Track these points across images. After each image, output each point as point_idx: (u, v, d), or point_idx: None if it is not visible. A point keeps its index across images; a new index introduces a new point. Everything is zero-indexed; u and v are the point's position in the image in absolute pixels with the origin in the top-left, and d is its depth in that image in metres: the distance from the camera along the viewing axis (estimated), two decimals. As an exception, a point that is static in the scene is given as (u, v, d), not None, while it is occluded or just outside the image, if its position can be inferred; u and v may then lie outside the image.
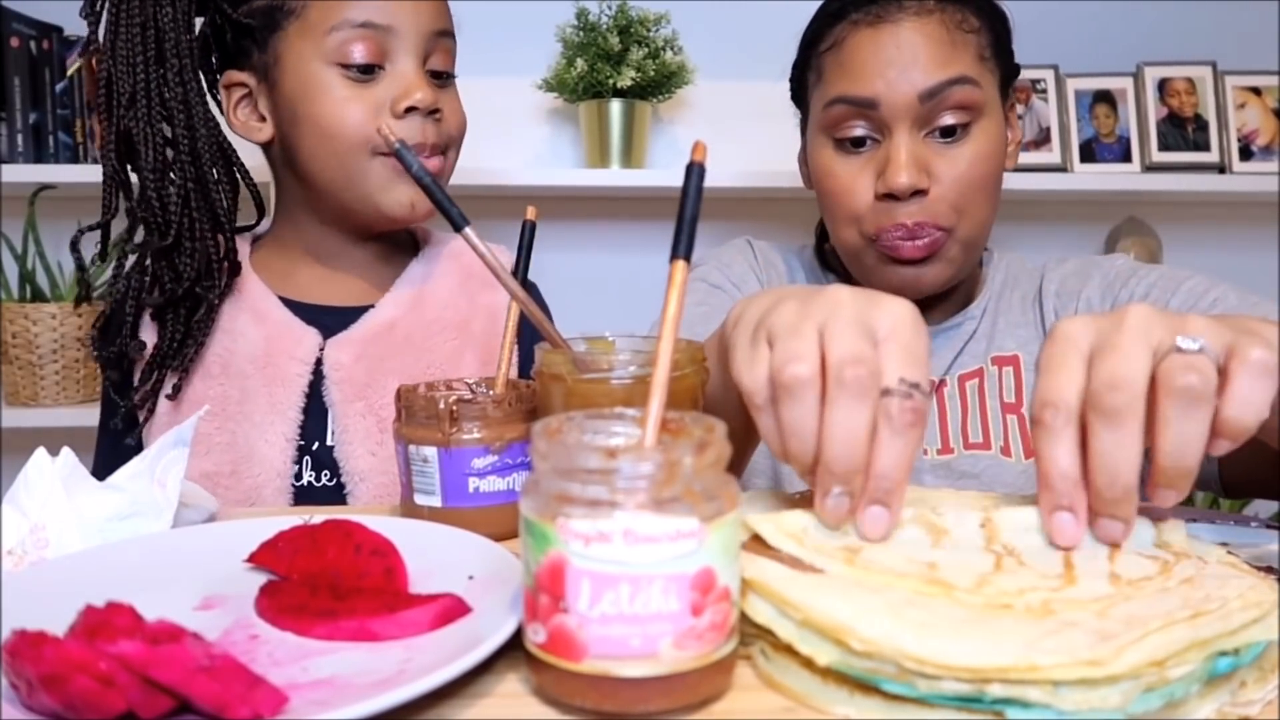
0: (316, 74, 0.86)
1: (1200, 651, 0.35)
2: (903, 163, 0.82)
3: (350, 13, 0.85)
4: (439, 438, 0.59)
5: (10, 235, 1.62)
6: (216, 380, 0.89)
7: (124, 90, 0.85)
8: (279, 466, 0.87)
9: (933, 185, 0.84)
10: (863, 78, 0.84)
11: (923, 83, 0.82)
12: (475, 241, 0.56)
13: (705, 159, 0.46)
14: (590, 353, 0.58)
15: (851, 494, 0.43)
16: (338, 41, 0.85)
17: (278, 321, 0.91)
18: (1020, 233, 1.91)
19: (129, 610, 0.39)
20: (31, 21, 1.63)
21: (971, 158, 0.84)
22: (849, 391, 0.42)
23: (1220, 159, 1.81)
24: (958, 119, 0.83)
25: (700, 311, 0.94)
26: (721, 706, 0.38)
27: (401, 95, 0.86)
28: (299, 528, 0.52)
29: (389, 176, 0.87)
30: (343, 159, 0.87)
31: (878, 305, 0.45)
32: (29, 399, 1.62)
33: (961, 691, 0.35)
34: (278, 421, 0.87)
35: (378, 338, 0.91)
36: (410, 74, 0.87)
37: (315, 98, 0.86)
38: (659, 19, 1.70)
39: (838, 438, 0.42)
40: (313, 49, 0.85)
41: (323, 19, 0.85)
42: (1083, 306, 0.92)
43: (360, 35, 0.85)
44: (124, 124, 0.86)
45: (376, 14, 0.85)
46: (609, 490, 0.36)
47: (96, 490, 0.58)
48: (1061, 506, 0.43)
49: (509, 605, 0.43)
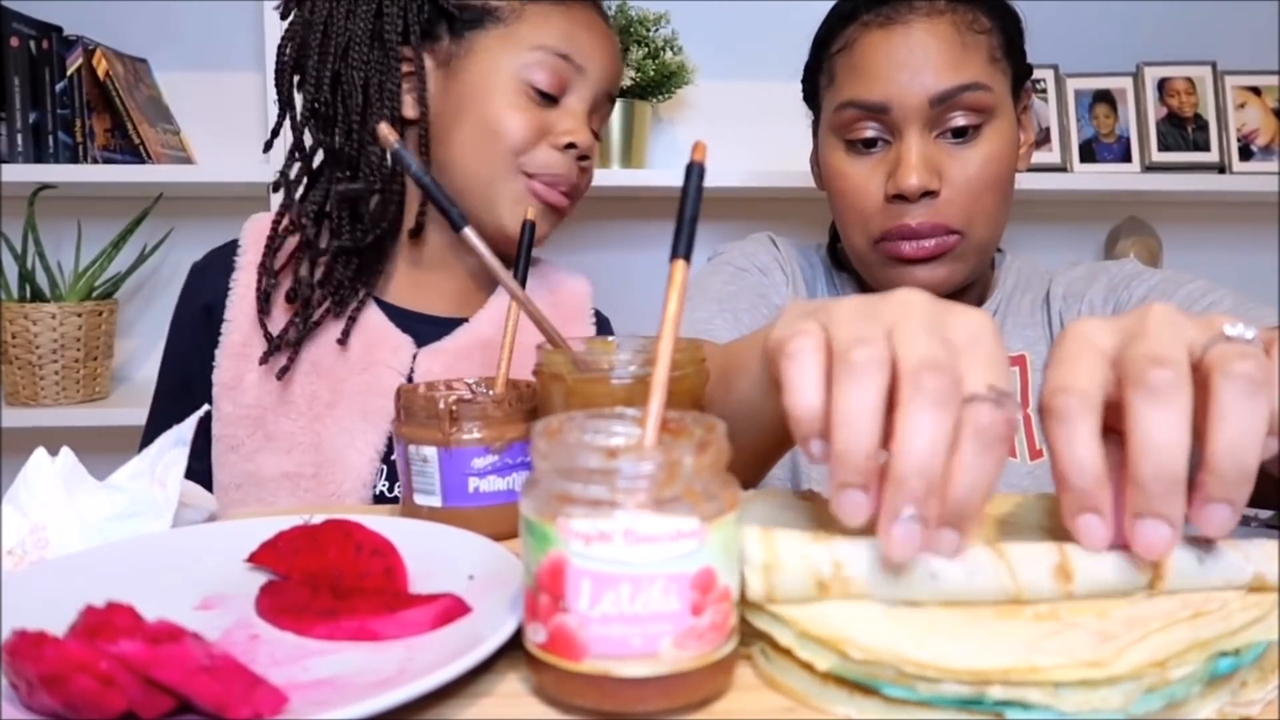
0: (505, 79, 0.89)
1: (1201, 652, 0.35)
2: (913, 164, 0.82)
3: (557, 40, 0.89)
4: (439, 437, 0.59)
5: (10, 235, 1.62)
6: (307, 378, 0.89)
7: (341, 40, 0.89)
8: (365, 476, 0.86)
9: (943, 187, 0.83)
10: (874, 81, 0.84)
11: (934, 87, 0.82)
12: (475, 242, 0.56)
13: (705, 159, 0.46)
14: (590, 353, 0.58)
15: (925, 519, 0.36)
16: (536, 60, 0.89)
17: (375, 328, 0.91)
18: (1020, 233, 1.91)
19: (129, 610, 0.39)
20: (31, 21, 1.63)
21: (983, 159, 0.84)
22: (929, 398, 0.35)
23: (1220, 159, 1.81)
24: (969, 120, 0.83)
25: (730, 290, 0.95)
26: (721, 706, 0.38)
27: (571, 129, 0.90)
28: (299, 528, 0.52)
29: (522, 195, 0.90)
30: (491, 162, 0.89)
31: (953, 312, 0.40)
32: (29, 399, 1.62)
33: (962, 694, 0.35)
34: (369, 430, 0.87)
35: (469, 352, 0.92)
36: (580, 116, 0.92)
37: (493, 98, 0.89)
38: (659, 19, 1.70)
39: (916, 449, 0.35)
40: (510, 57, 0.89)
41: (531, 34, 0.89)
42: (1085, 308, 0.92)
43: (560, 65, 0.89)
44: (335, 67, 0.89)
45: (579, 53, 0.90)
46: (609, 490, 0.36)
47: (96, 490, 0.58)
48: (1086, 508, 0.37)
49: (509, 605, 0.43)
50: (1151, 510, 0.36)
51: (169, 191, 1.70)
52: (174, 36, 1.80)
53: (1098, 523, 0.37)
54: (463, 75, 0.90)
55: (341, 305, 0.90)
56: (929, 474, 0.35)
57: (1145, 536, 0.36)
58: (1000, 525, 0.49)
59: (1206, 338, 0.37)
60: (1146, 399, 0.36)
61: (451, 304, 0.96)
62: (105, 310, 1.66)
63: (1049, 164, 1.79)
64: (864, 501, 0.36)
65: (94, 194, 1.73)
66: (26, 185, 1.59)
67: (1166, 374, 0.36)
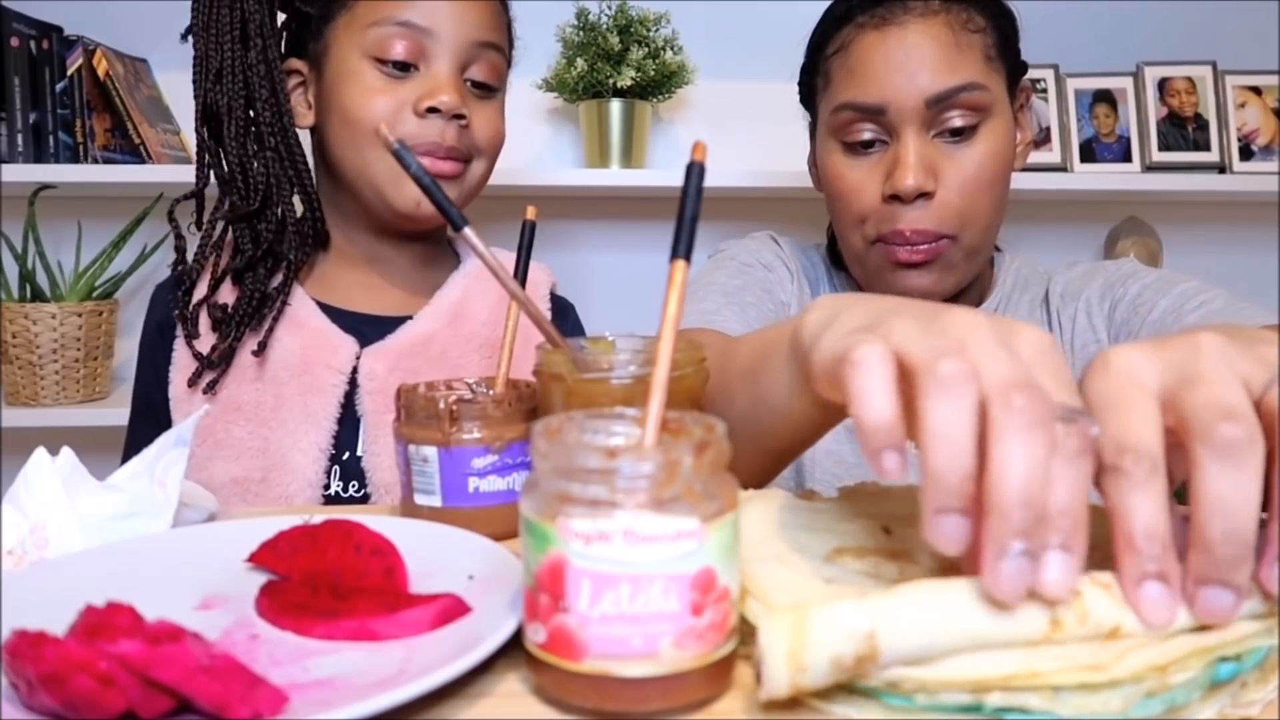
0: (354, 64, 0.89)
1: (1202, 658, 0.35)
2: (910, 164, 0.82)
3: (393, 11, 0.88)
4: (439, 437, 0.59)
5: (10, 235, 1.62)
6: (251, 385, 0.90)
7: (213, 66, 0.90)
8: (310, 476, 0.87)
9: (939, 188, 0.83)
10: (869, 83, 0.84)
11: (930, 88, 0.82)
12: (475, 242, 0.56)
13: (705, 159, 0.46)
14: (590, 353, 0.58)
15: (1033, 553, 0.33)
16: (377, 36, 0.88)
17: (316, 329, 0.92)
18: (1020, 233, 1.91)
19: (129, 610, 0.39)
20: (31, 21, 1.63)
21: (979, 159, 0.84)
22: (1025, 419, 0.33)
23: (1220, 159, 1.81)
24: (966, 121, 0.83)
25: (735, 283, 0.95)
26: (721, 706, 0.38)
27: (426, 94, 0.88)
28: (299, 528, 0.52)
29: (398, 171, 0.89)
30: (360, 147, 0.89)
31: (1016, 331, 0.38)
32: (29, 399, 1.62)
33: (961, 701, 0.34)
34: (312, 431, 0.88)
35: (414, 350, 0.92)
36: (442, 77, 0.89)
37: (347, 86, 0.89)
38: (659, 19, 1.70)
39: (1018, 474, 0.32)
40: (355, 41, 0.89)
41: (368, 14, 0.88)
42: (1082, 306, 0.93)
43: (399, 33, 0.88)
44: (211, 97, 0.91)
45: (418, 15, 0.88)
46: (609, 490, 0.36)
47: (96, 490, 0.58)
48: (1150, 574, 0.35)
49: (509, 605, 0.43)
50: (1219, 577, 0.34)
51: (169, 191, 1.70)
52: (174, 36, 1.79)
53: (1164, 592, 0.35)
54: (325, 71, 0.92)
55: (260, 320, 0.91)
56: (1034, 503, 0.33)
57: (1210, 604, 0.34)
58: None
59: (1264, 376, 0.35)
60: (1218, 458, 0.33)
61: (396, 303, 0.96)
62: (105, 310, 1.66)
63: (1049, 164, 1.79)
64: (963, 525, 0.33)
65: (94, 194, 1.73)
66: (26, 185, 1.59)
67: (1239, 431, 0.33)
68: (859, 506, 0.52)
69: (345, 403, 0.90)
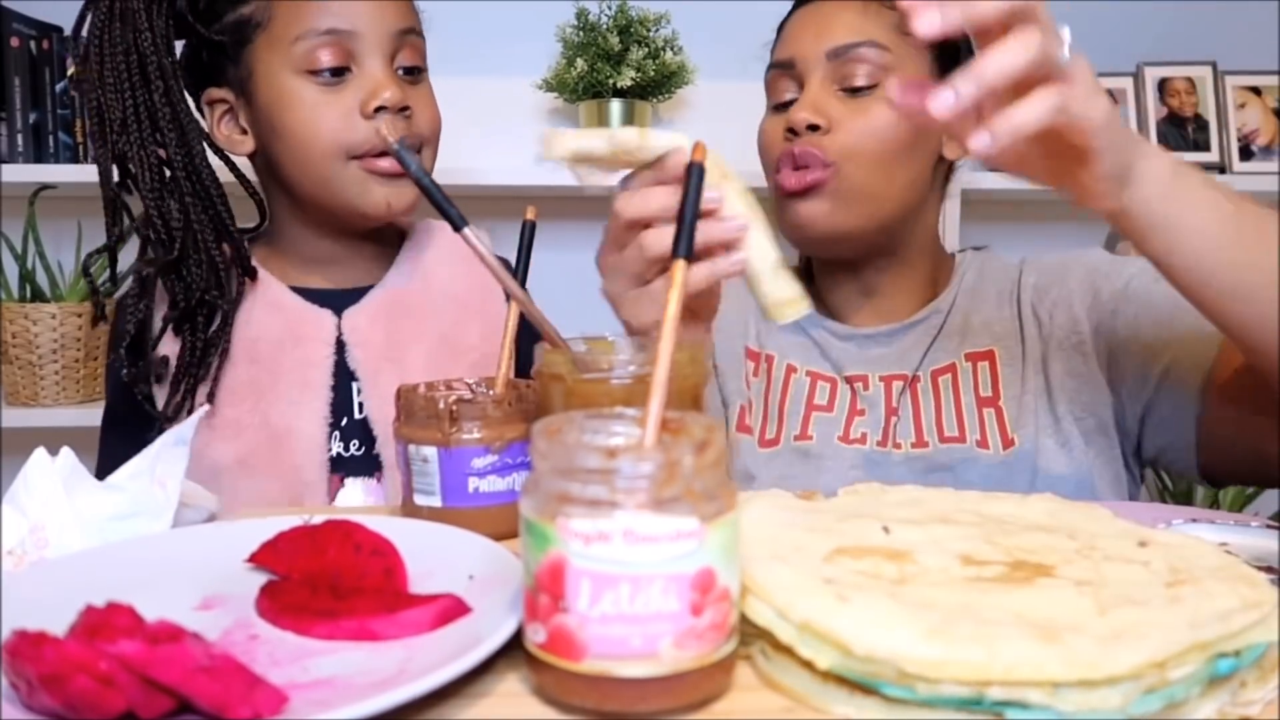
0: (287, 84, 0.87)
1: (1201, 653, 0.35)
2: (803, 103, 0.88)
3: (313, 21, 0.86)
4: (439, 438, 0.59)
5: (10, 235, 1.62)
6: (245, 368, 0.91)
7: (114, 116, 0.87)
8: (318, 439, 0.89)
9: (832, 128, 0.87)
10: (785, 43, 0.94)
11: (830, 42, 0.88)
12: (474, 242, 0.57)
13: (705, 159, 0.46)
14: (590, 353, 0.58)
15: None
16: (303, 50, 0.86)
17: (293, 307, 0.93)
18: (1020, 233, 1.91)
19: (129, 610, 0.39)
20: (31, 21, 1.63)
21: (871, 110, 0.87)
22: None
23: (1220, 159, 1.80)
24: (867, 80, 0.87)
25: None
26: (721, 706, 0.38)
27: (369, 96, 0.87)
28: (299, 528, 0.52)
29: (363, 179, 0.89)
30: (319, 165, 0.88)
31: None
32: (29, 399, 1.62)
33: (961, 694, 0.35)
34: (313, 399, 0.90)
35: (390, 306, 0.95)
36: (378, 74, 0.88)
37: (288, 107, 0.88)
38: (659, 19, 1.70)
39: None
40: (281, 59, 0.87)
41: (287, 29, 0.86)
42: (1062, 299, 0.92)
43: (325, 42, 0.86)
44: (118, 148, 0.88)
45: (339, 20, 0.86)
46: (609, 490, 0.36)
47: (96, 490, 0.58)
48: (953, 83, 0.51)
49: (509, 605, 0.43)
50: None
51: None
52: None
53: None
54: (257, 95, 0.89)
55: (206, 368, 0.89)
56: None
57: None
58: (1000, 525, 0.49)
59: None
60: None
61: (365, 274, 0.97)
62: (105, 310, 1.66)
63: (1049, 164, 1.79)
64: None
65: (94, 194, 1.72)
66: (26, 185, 1.59)
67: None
68: (859, 506, 0.52)
69: (338, 371, 0.92)
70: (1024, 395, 0.89)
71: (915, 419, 0.90)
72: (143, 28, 0.86)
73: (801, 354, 0.96)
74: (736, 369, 0.97)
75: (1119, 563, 0.43)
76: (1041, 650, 0.34)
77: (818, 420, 0.92)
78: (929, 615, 0.37)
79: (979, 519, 0.50)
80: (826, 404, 0.93)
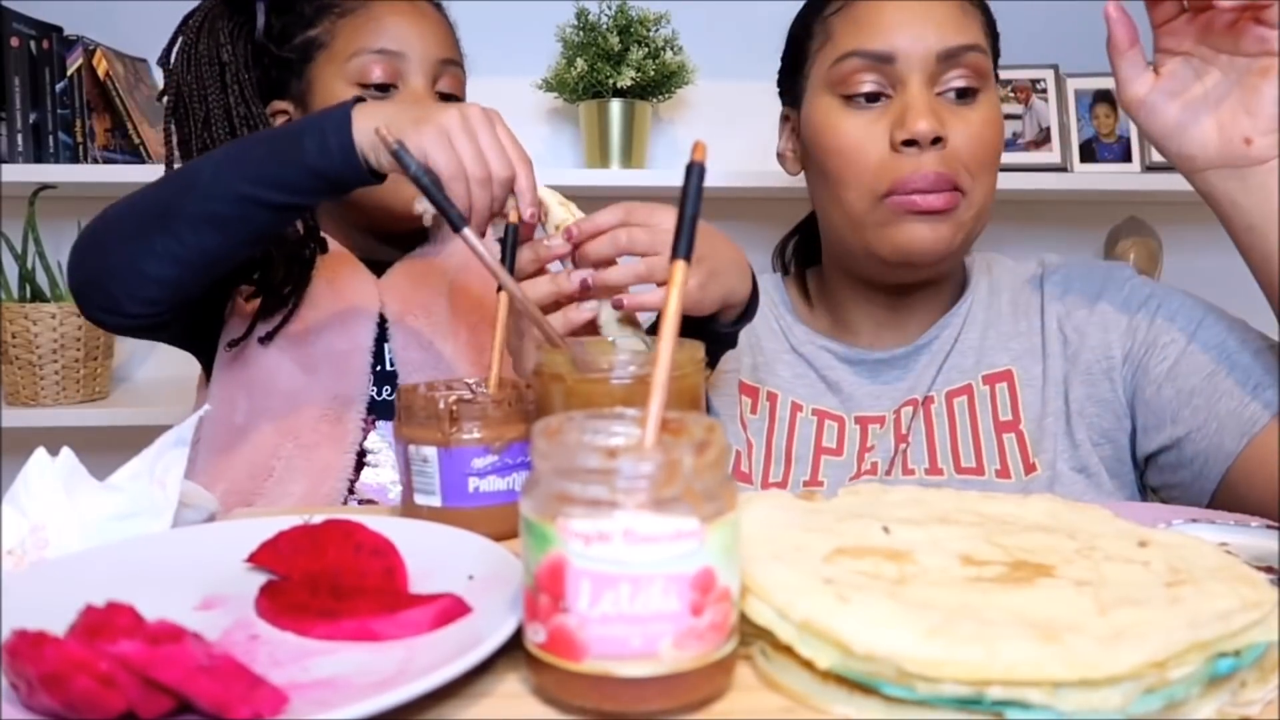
0: (341, 92, 0.97)
1: (1201, 653, 0.35)
2: (923, 109, 0.81)
3: (370, 40, 0.98)
4: (439, 438, 0.59)
5: (10, 235, 1.62)
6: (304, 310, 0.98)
7: (199, 115, 0.97)
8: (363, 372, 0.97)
9: (949, 139, 0.82)
10: (879, 32, 0.83)
11: (941, 42, 0.82)
12: (473, 242, 0.57)
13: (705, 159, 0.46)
14: (590, 353, 0.58)
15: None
16: (358, 65, 0.97)
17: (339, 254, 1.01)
18: (1020, 233, 1.91)
19: (129, 610, 0.39)
20: (31, 21, 1.63)
21: (982, 121, 0.84)
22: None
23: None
24: (969, 83, 0.83)
25: None
26: (721, 706, 0.38)
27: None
28: (299, 528, 0.52)
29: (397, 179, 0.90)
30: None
31: None
32: (29, 399, 1.62)
33: (961, 694, 0.35)
34: (357, 334, 0.97)
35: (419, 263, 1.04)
36: (420, 91, 0.99)
37: None
38: (659, 19, 1.70)
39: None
40: (338, 73, 0.98)
41: (346, 47, 0.98)
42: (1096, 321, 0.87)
43: (377, 59, 0.98)
44: (203, 141, 0.97)
45: (391, 41, 0.98)
46: (609, 490, 0.36)
47: (96, 490, 0.58)
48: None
49: (509, 605, 0.43)
50: None
51: (169, 191, 1.70)
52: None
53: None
54: (313, 105, 1.00)
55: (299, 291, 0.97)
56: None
57: None
58: (1000, 525, 0.49)
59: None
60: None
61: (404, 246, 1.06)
62: (105, 310, 1.66)
63: (1049, 164, 1.79)
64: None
65: (94, 194, 1.73)
66: (26, 185, 1.59)
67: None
68: (859, 507, 0.52)
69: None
70: (1045, 418, 0.85)
71: (929, 443, 0.86)
72: (224, 43, 0.98)
73: (806, 390, 0.91)
74: (731, 410, 0.92)
75: (1119, 563, 0.43)
76: (1041, 650, 0.34)
77: (827, 464, 0.88)
78: (929, 615, 0.37)
79: (979, 519, 0.50)
80: (835, 447, 0.89)
